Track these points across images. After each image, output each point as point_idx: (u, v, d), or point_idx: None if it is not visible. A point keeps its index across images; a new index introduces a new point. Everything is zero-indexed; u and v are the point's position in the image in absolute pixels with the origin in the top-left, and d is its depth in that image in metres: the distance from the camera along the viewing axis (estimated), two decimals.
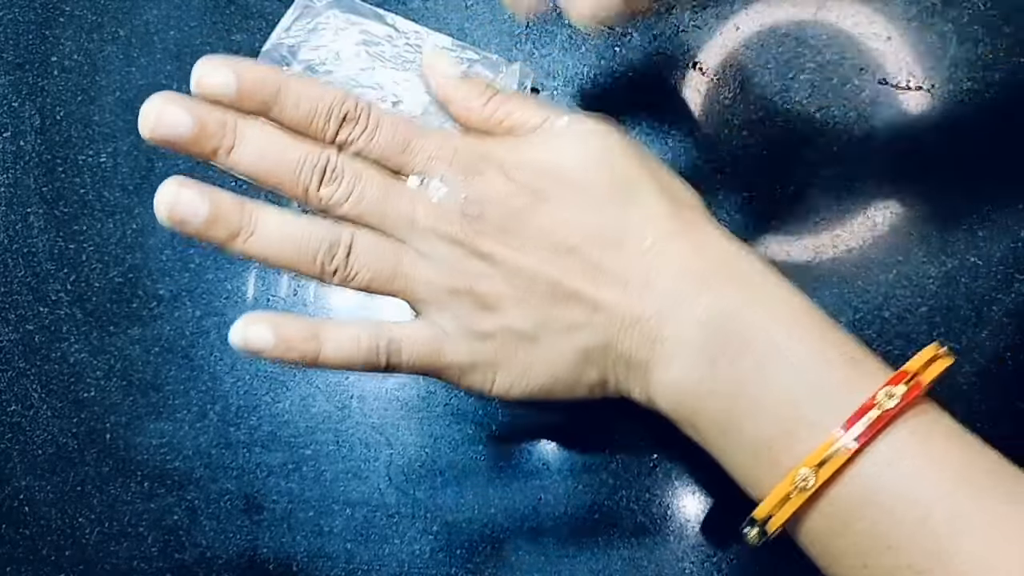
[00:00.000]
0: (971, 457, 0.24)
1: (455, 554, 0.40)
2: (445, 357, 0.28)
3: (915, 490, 0.22)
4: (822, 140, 0.42)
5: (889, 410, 0.23)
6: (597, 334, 0.27)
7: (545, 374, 0.28)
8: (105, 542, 0.42)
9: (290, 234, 0.27)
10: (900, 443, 0.23)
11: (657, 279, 0.26)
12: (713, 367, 0.25)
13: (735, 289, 0.25)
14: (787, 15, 0.44)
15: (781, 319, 0.25)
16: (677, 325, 0.25)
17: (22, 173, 0.46)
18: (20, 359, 0.44)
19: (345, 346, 0.27)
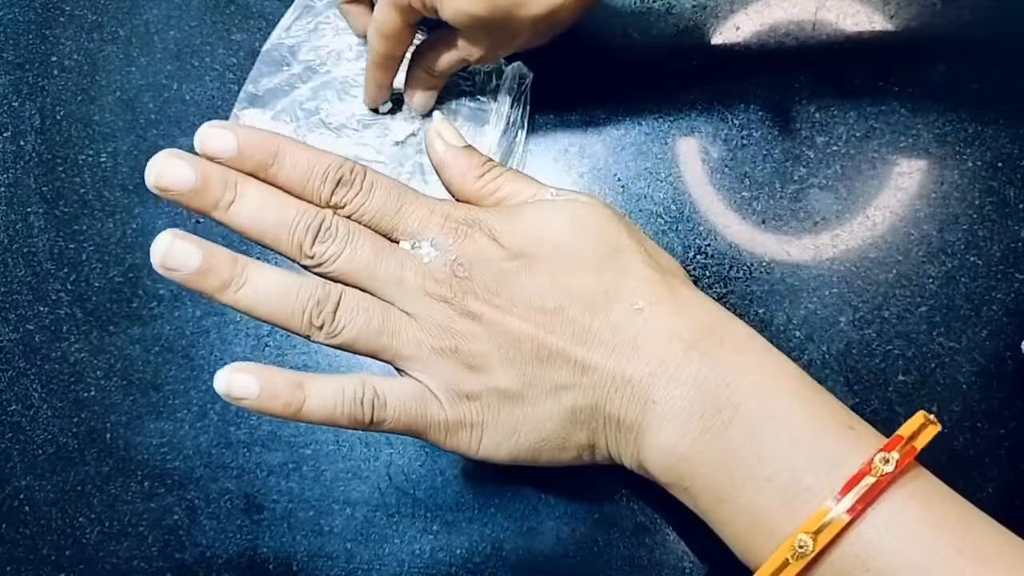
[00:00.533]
0: (969, 522, 0.24)
1: (455, 554, 0.40)
2: (430, 415, 0.28)
3: (915, 554, 0.22)
4: (821, 140, 0.42)
5: (886, 475, 0.23)
6: (585, 395, 0.27)
7: (532, 435, 0.28)
8: (105, 541, 0.42)
9: (279, 287, 0.27)
10: (898, 507, 0.23)
11: (646, 342, 0.26)
12: (705, 432, 0.25)
13: (726, 354, 0.26)
14: (787, 15, 0.44)
15: (773, 385, 0.25)
16: (668, 388, 0.25)
17: (22, 173, 0.46)
18: (20, 359, 0.44)
19: (329, 397, 0.27)
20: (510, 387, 0.27)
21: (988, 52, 0.42)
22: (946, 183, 0.41)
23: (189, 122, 0.45)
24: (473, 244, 0.28)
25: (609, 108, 0.44)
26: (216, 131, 0.27)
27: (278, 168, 0.27)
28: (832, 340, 0.40)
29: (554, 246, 0.28)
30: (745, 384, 0.25)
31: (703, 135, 0.43)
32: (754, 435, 0.24)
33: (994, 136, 0.41)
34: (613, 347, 0.26)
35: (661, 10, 0.44)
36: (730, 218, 0.42)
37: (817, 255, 0.41)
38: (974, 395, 0.39)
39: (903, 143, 0.42)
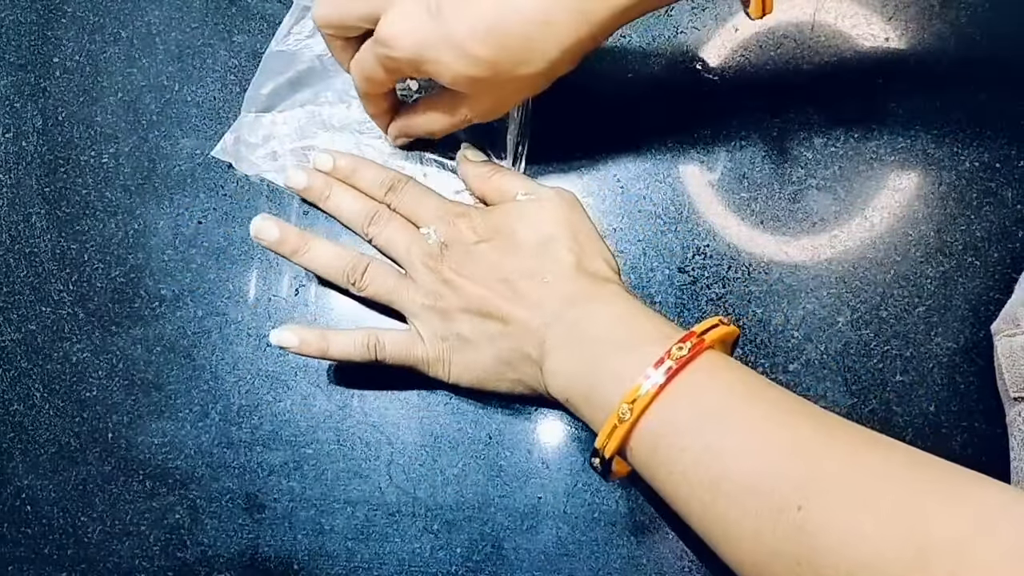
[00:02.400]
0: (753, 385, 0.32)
1: (455, 553, 0.40)
2: (416, 353, 0.39)
3: (698, 406, 0.31)
4: (819, 141, 0.42)
5: (681, 358, 0.31)
6: (509, 340, 0.37)
7: (479, 369, 0.39)
8: (107, 541, 0.42)
9: (331, 256, 0.41)
10: (691, 379, 0.31)
11: (544, 302, 0.37)
12: (574, 355, 0.35)
13: (592, 306, 0.36)
14: (785, 17, 0.44)
15: (611, 319, 0.35)
16: (555, 331, 0.36)
17: (24, 174, 0.46)
18: (22, 359, 0.44)
19: (345, 343, 0.40)
20: (466, 334, 0.38)
21: (986, 53, 0.42)
22: (944, 184, 0.41)
23: (191, 123, 0.46)
24: (457, 231, 0.40)
25: (608, 110, 0.44)
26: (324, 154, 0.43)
27: (357, 178, 0.42)
28: (830, 340, 0.40)
29: (508, 234, 0.39)
30: (597, 320, 0.35)
31: (702, 136, 0.43)
32: (602, 350, 0.34)
33: (992, 137, 0.42)
34: (527, 306, 0.37)
35: (660, 11, 0.44)
36: (729, 219, 0.42)
37: (815, 255, 0.41)
38: (972, 395, 0.39)
39: (901, 144, 0.42)
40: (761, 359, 0.41)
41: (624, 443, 0.32)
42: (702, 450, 0.30)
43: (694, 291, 0.42)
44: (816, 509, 0.27)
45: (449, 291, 0.38)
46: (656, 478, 0.32)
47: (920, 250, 0.41)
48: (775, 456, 0.29)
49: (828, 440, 0.29)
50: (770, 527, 0.28)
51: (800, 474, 0.28)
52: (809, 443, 0.29)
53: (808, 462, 0.28)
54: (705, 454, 0.30)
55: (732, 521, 0.29)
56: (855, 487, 0.27)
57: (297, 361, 0.43)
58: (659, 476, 0.32)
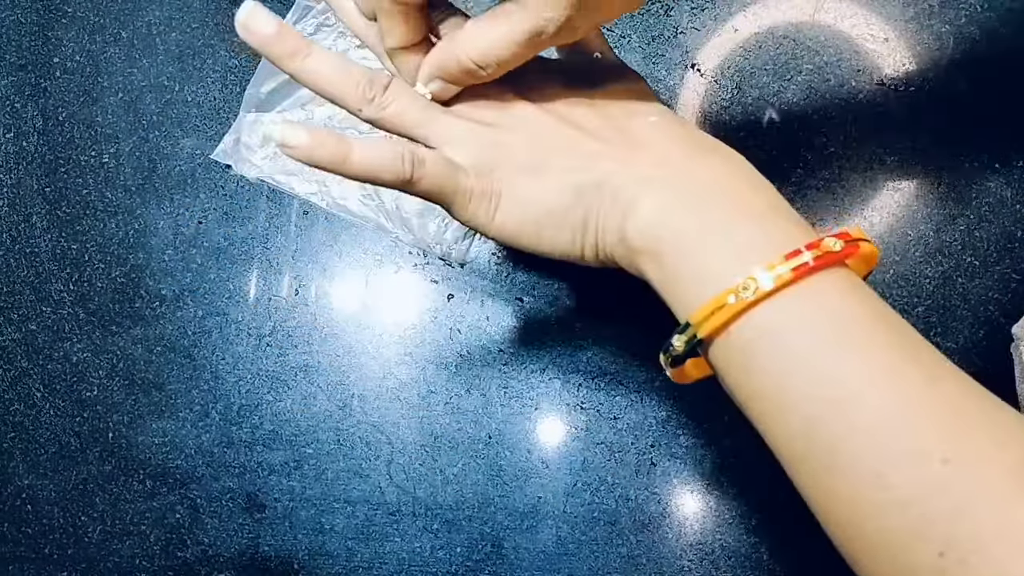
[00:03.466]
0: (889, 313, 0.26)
1: (455, 552, 0.40)
2: (459, 181, 0.30)
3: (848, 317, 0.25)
4: (819, 141, 0.42)
5: (831, 252, 0.25)
6: (593, 173, 0.29)
7: (540, 207, 0.30)
8: (107, 540, 0.42)
9: (339, 65, 0.30)
10: (833, 283, 0.25)
11: (653, 142, 0.29)
12: (687, 204, 0.27)
13: (719, 160, 0.29)
14: (785, 17, 0.44)
15: (752, 189, 0.28)
16: (664, 173, 0.28)
17: (25, 174, 0.46)
18: (23, 358, 0.44)
19: (376, 152, 0.29)
20: (529, 161, 0.30)
21: (985, 54, 0.42)
22: (943, 184, 0.41)
23: (191, 123, 0.46)
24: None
25: None
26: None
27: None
28: None
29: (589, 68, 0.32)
30: (731, 181, 0.28)
31: None
32: (730, 214, 0.27)
33: (991, 137, 0.42)
34: (627, 136, 0.29)
35: (660, 11, 0.44)
36: None
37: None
38: None
39: (900, 144, 0.42)
40: None
41: (724, 327, 0.25)
42: (832, 366, 0.24)
43: None
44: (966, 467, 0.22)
45: (508, 114, 0.30)
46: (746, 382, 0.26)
47: (920, 250, 0.41)
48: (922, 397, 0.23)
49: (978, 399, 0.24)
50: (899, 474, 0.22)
51: (950, 425, 0.22)
52: (961, 395, 0.24)
53: (961, 414, 0.23)
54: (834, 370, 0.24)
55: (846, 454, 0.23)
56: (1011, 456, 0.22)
57: (297, 361, 0.43)
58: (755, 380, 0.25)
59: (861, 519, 0.23)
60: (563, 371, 0.41)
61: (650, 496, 0.39)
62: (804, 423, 0.24)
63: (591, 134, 0.29)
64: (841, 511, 0.24)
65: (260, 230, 0.44)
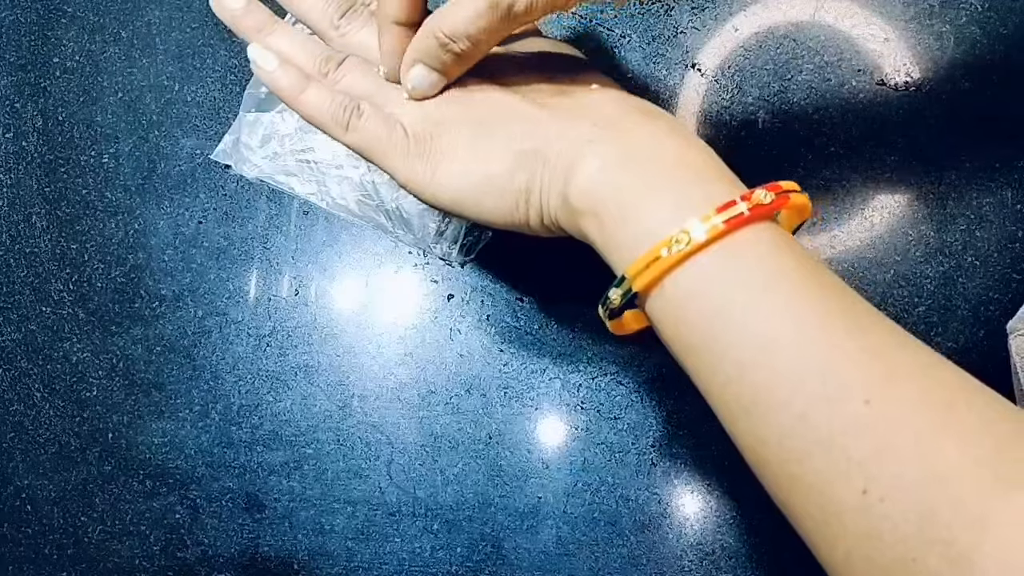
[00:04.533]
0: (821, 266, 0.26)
1: (455, 552, 0.40)
2: (396, 139, 0.31)
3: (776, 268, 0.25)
4: (819, 141, 0.42)
5: (761, 205, 0.26)
6: (535, 139, 0.30)
7: (481, 172, 0.30)
8: (107, 540, 0.42)
9: (300, 43, 0.33)
10: (765, 234, 0.26)
11: (592, 107, 0.30)
12: (622, 167, 0.28)
13: (660, 122, 0.30)
14: (785, 16, 0.44)
15: (692, 146, 0.29)
16: (604, 137, 0.29)
17: (24, 174, 0.46)
18: (23, 358, 0.44)
19: (321, 97, 0.32)
20: (471, 129, 0.31)
21: (985, 53, 0.42)
22: (944, 184, 0.41)
23: (191, 123, 0.46)
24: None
25: None
26: None
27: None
28: None
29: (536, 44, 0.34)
30: (668, 143, 0.29)
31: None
32: (666, 171, 0.28)
33: (991, 137, 0.42)
34: (574, 101, 0.30)
35: (660, 11, 0.44)
36: None
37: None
38: None
39: (901, 144, 0.42)
40: None
41: (657, 280, 0.26)
42: (762, 314, 0.24)
43: None
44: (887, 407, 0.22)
45: (454, 88, 0.32)
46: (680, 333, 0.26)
47: (920, 250, 0.41)
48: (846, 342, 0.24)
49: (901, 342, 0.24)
50: (823, 413, 0.23)
51: (872, 368, 0.23)
52: (884, 340, 0.24)
53: (882, 358, 0.23)
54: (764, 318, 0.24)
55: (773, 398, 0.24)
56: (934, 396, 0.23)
57: (297, 361, 0.43)
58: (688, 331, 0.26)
59: (787, 461, 0.24)
60: (563, 371, 0.41)
61: (650, 496, 0.39)
62: (733, 370, 0.25)
63: (533, 102, 0.30)
64: (769, 454, 0.24)
65: (260, 230, 0.44)
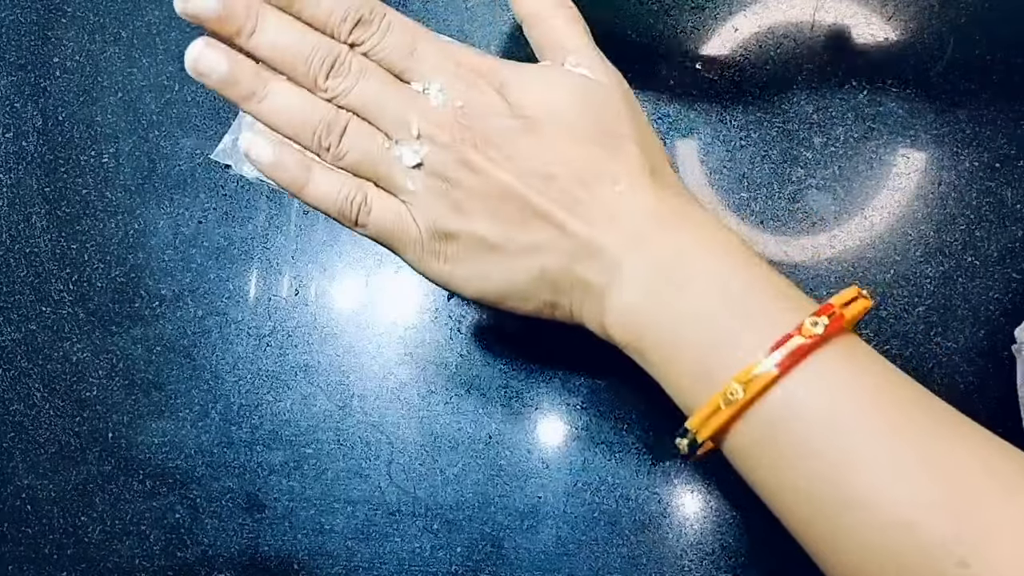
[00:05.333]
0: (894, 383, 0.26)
1: (455, 552, 0.40)
2: (407, 237, 0.30)
3: (836, 408, 0.24)
4: (819, 141, 0.42)
5: (815, 336, 0.25)
6: (560, 257, 0.28)
7: (501, 283, 0.29)
8: (107, 540, 0.42)
9: (298, 105, 0.29)
10: (824, 366, 0.25)
11: (623, 217, 0.28)
12: (661, 295, 0.27)
13: (687, 233, 0.28)
14: (785, 16, 0.44)
15: (722, 261, 0.27)
16: (635, 258, 0.27)
17: (24, 174, 0.46)
18: (23, 358, 0.44)
19: (328, 187, 0.30)
20: (489, 237, 0.29)
21: (986, 53, 0.42)
22: (943, 184, 0.41)
23: (191, 123, 0.46)
24: (480, 95, 0.29)
25: None
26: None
27: (303, 4, 0.29)
28: None
29: (559, 115, 0.29)
30: (700, 256, 0.27)
31: (701, 136, 0.43)
32: (703, 298, 0.26)
33: (991, 137, 0.42)
34: (592, 218, 0.28)
35: (660, 11, 0.44)
36: (728, 219, 0.42)
37: (815, 255, 0.41)
38: (972, 395, 0.39)
39: (901, 144, 0.42)
40: None
41: (724, 428, 0.26)
42: (834, 461, 0.24)
43: None
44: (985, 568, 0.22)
45: (471, 177, 0.28)
46: (760, 474, 0.26)
47: (920, 250, 0.41)
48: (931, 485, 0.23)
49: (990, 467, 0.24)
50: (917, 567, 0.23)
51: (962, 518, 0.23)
52: (970, 471, 0.23)
53: (971, 500, 0.23)
54: (838, 467, 0.24)
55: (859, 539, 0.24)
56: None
57: (297, 361, 0.43)
58: (766, 473, 0.26)
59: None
60: (563, 371, 0.41)
61: (650, 496, 0.39)
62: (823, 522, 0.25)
63: (554, 203, 0.28)
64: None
65: (260, 230, 0.44)
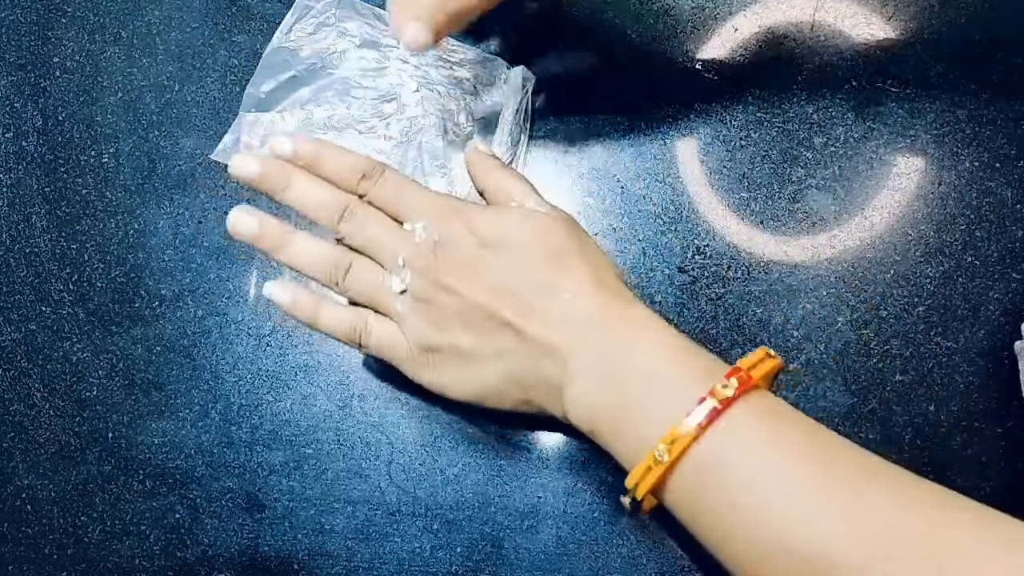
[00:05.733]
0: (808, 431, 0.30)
1: (455, 552, 0.40)
2: (401, 353, 0.37)
3: (755, 459, 0.29)
4: (819, 141, 0.42)
5: (726, 398, 0.29)
6: (521, 360, 0.34)
7: (477, 386, 0.36)
8: (107, 540, 0.42)
9: (311, 253, 0.37)
10: (738, 423, 0.29)
11: (569, 322, 0.34)
12: (605, 385, 0.32)
13: (625, 331, 0.33)
14: (785, 16, 0.44)
15: (653, 350, 0.33)
16: (581, 355, 0.33)
17: (24, 174, 0.46)
18: (23, 358, 0.44)
19: (334, 319, 0.38)
20: (462, 345, 0.35)
21: (986, 53, 0.43)
22: (944, 184, 0.42)
23: (191, 123, 0.46)
24: (453, 231, 0.36)
25: (608, 110, 0.44)
26: (282, 137, 0.37)
27: (323, 165, 0.37)
28: (830, 340, 0.40)
29: (515, 241, 0.35)
30: (635, 351, 0.33)
31: (702, 136, 0.43)
32: (636, 387, 0.32)
33: (991, 137, 0.42)
34: (546, 323, 0.34)
35: (660, 11, 0.44)
36: (728, 219, 0.42)
37: (815, 255, 0.41)
38: (972, 394, 0.39)
39: (901, 144, 0.42)
40: None
41: (659, 484, 0.31)
42: (756, 508, 0.28)
43: (694, 291, 0.42)
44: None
45: (446, 297, 0.35)
46: (696, 523, 0.31)
47: (920, 250, 0.41)
48: (842, 521, 0.27)
49: (902, 503, 0.27)
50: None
51: (874, 545, 0.26)
52: (882, 507, 0.27)
53: (883, 530, 0.26)
54: (759, 513, 0.28)
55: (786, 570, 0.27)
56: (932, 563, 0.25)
57: (297, 361, 0.43)
58: (700, 522, 0.30)
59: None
60: None
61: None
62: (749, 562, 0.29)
63: (515, 313, 0.34)
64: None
65: None
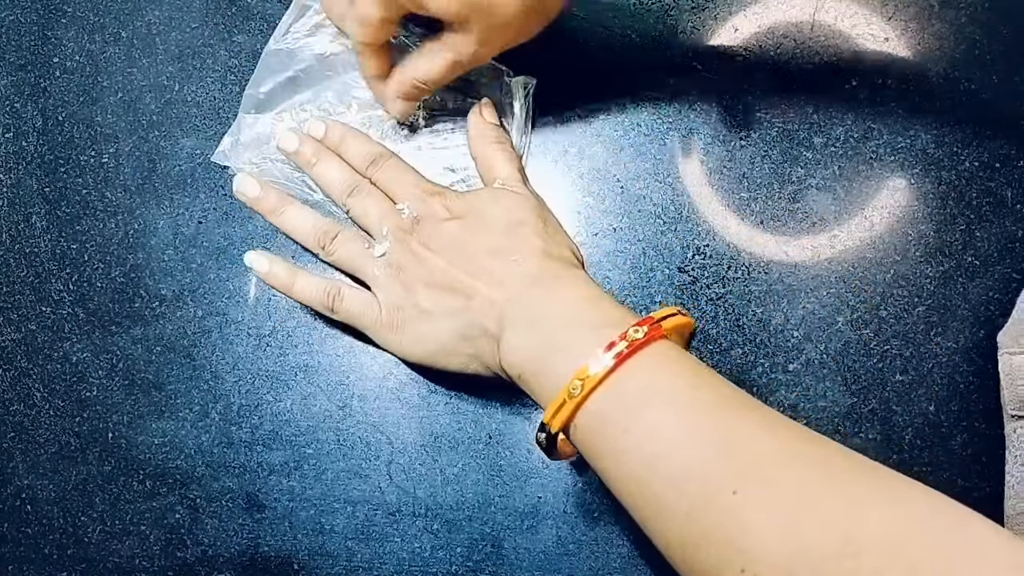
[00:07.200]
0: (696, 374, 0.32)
1: (455, 552, 0.40)
2: (370, 316, 0.41)
3: (645, 395, 0.31)
4: (819, 141, 0.42)
5: (636, 341, 0.32)
6: (471, 315, 0.38)
7: (433, 342, 0.39)
8: (107, 540, 0.42)
9: (303, 220, 0.43)
10: (641, 362, 0.32)
11: (511, 280, 0.38)
12: (531, 331, 0.36)
13: (554, 284, 0.37)
14: (785, 17, 0.44)
15: (575, 302, 0.36)
16: (515, 308, 0.37)
17: (24, 174, 0.46)
18: (23, 358, 0.44)
19: (308, 285, 0.42)
20: (424, 305, 0.39)
21: (985, 53, 0.43)
22: (943, 184, 0.42)
23: (191, 123, 0.46)
24: (430, 208, 0.41)
25: (608, 110, 0.44)
26: (316, 121, 0.44)
27: (345, 148, 0.44)
28: (830, 340, 0.40)
29: (479, 215, 0.40)
30: (557, 302, 0.36)
31: (702, 136, 0.43)
32: (559, 330, 0.35)
33: (991, 137, 0.42)
34: (492, 282, 0.38)
35: (660, 11, 0.44)
36: (728, 219, 0.42)
37: (815, 255, 0.41)
38: (971, 394, 0.39)
39: (901, 144, 0.42)
40: (761, 359, 0.41)
41: (570, 419, 0.33)
42: (644, 433, 0.31)
43: (694, 291, 0.42)
44: (751, 494, 0.28)
45: (414, 263, 0.40)
46: (597, 457, 0.33)
47: (920, 250, 0.41)
48: (716, 442, 0.30)
49: (769, 432, 0.30)
50: (702, 509, 0.29)
51: (739, 461, 0.29)
52: (750, 434, 0.30)
53: (748, 451, 0.29)
54: (646, 436, 0.31)
55: (666, 502, 0.30)
56: (792, 476, 0.28)
57: (297, 361, 0.43)
58: (600, 455, 0.32)
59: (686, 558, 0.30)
60: None
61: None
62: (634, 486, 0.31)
63: (471, 275, 0.38)
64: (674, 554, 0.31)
65: (260, 230, 0.44)
